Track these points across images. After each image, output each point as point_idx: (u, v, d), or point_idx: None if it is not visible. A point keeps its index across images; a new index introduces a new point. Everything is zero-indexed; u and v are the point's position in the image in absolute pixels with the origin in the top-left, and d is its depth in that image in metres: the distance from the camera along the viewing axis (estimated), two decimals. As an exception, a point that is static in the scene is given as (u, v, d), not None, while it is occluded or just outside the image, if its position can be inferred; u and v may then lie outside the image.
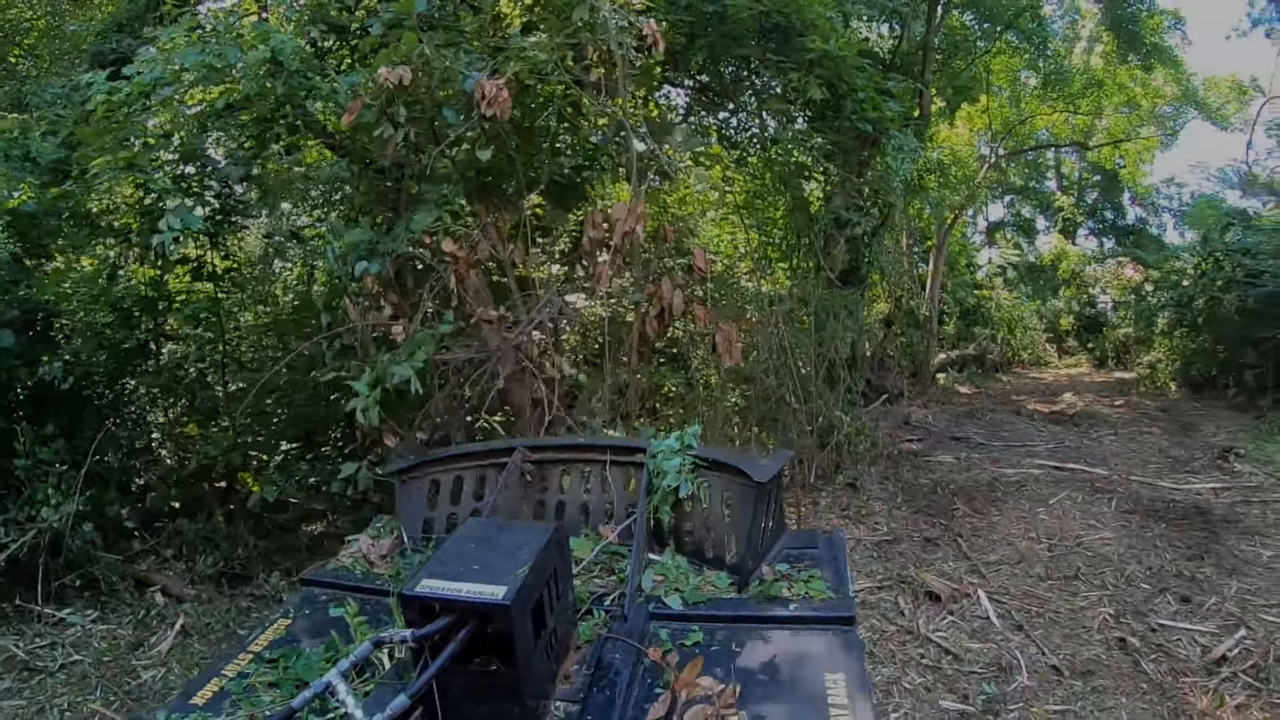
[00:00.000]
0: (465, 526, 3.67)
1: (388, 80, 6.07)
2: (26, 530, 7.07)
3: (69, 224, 8.22)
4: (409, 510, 4.95)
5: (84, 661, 6.50)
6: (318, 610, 4.06)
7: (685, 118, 10.67)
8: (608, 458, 4.82)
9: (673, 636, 3.59)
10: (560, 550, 3.51)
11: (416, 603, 3.03)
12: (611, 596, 3.95)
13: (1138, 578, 7.75)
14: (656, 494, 4.42)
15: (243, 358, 9.37)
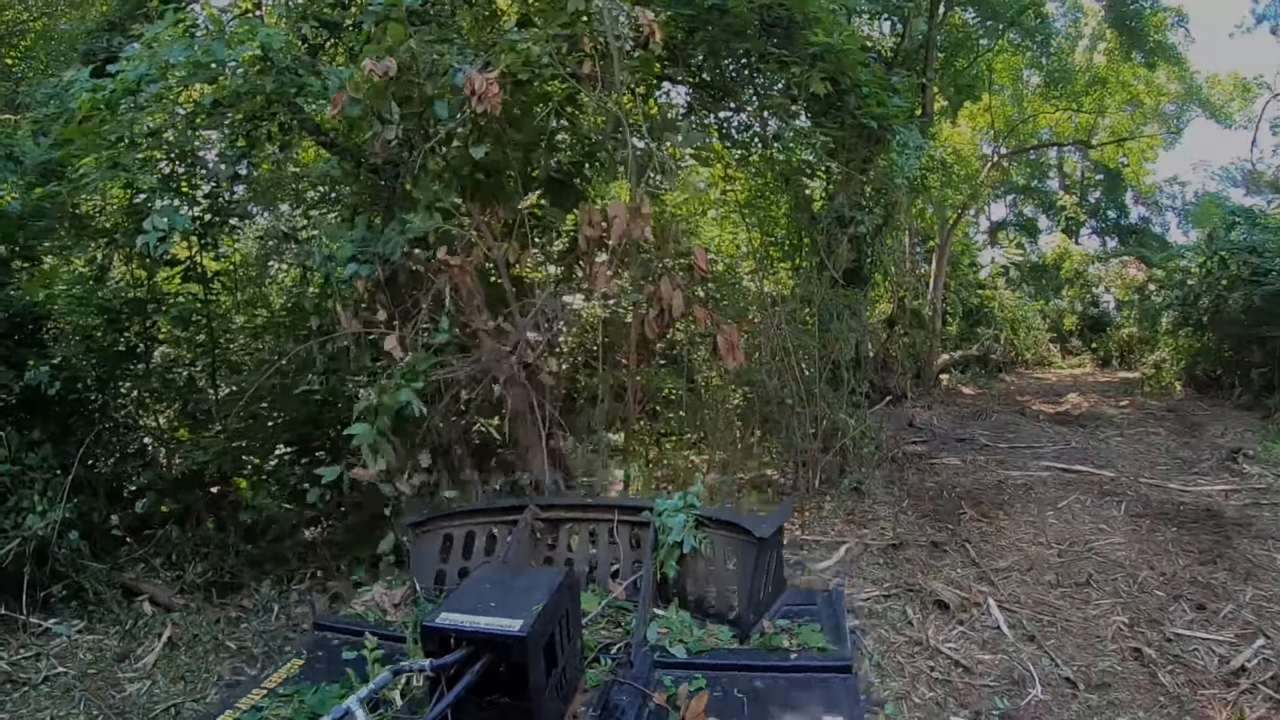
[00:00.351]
0: (481, 570, 3.97)
1: (373, 73, 5.89)
2: (11, 538, 6.90)
3: (56, 225, 8.07)
4: (422, 562, 5.13)
5: (68, 673, 6.34)
6: (331, 653, 4.19)
7: (686, 115, 10.51)
8: (615, 517, 5.07)
9: (676, 683, 3.74)
10: (571, 594, 3.68)
11: (436, 634, 3.21)
12: (618, 646, 4.17)
13: (1151, 584, 7.55)
14: (662, 549, 4.63)
15: (235, 361, 9.19)
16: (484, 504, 5.94)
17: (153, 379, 8.64)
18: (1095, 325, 30.92)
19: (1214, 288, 18.62)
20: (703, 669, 3.86)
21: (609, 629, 4.40)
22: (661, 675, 3.82)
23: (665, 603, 4.60)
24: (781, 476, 10.86)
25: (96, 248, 8.49)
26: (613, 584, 4.82)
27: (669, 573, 4.59)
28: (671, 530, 4.62)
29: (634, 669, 3.82)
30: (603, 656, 4.06)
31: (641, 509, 4.93)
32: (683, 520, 4.61)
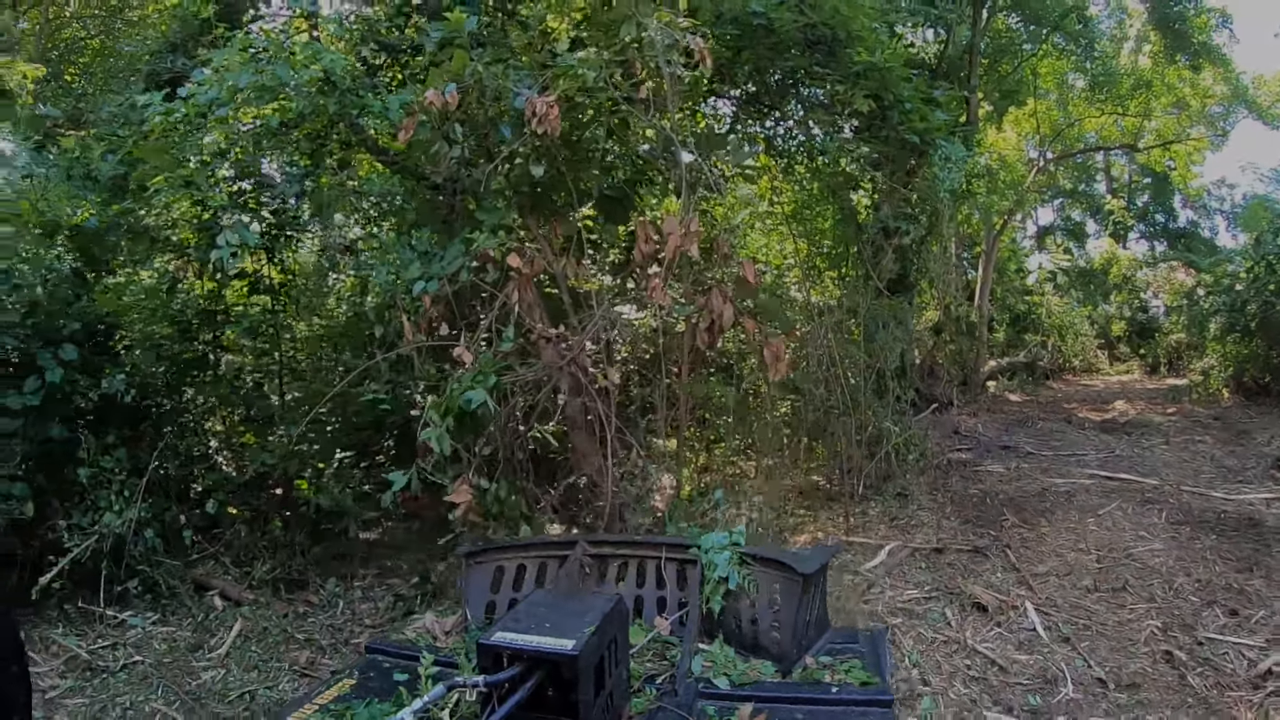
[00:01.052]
0: (535, 595, 4.03)
1: (434, 103, 6.22)
2: (90, 535, 7.27)
3: (128, 239, 8.47)
4: (474, 591, 5.28)
5: (145, 662, 6.68)
6: (382, 675, 4.29)
7: (731, 127, 10.75)
8: (663, 554, 5.20)
9: (720, 713, 3.82)
10: (620, 621, 3.75)
11: (491, 651, 3.31)
12: (663, 677, 4.28)
13: (1186, 590, 7.68)
14: (709, 585, 4.73)
15: (298, 368, 9.55)
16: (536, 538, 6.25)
17: (221, 386, 8.98)
18: (1143, 331, 30.66)
19: (1261, 293, 18.51)
20: (745, 700, 3.93)
21: (654, 661, 4.52)
22: (705, 705, 3.91)
23: (710, 637, 4.69)
24: (828, 483, 11.07)
25: (166, 261, 8.89)
26: (659, 619, 4.95)
27: (715, 608, 4.69)
28: (717, 566, 4.75)
29: (678, 697, 3.95)
30: (648, 686, 4.17)
31: (688, 546, 5.07)
32: (728, 557, 4.74)
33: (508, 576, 5.38)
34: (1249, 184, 34.81)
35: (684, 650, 4.38)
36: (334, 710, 3.84)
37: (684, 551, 5.10)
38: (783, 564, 4.65)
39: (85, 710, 6.05)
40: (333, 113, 7.13)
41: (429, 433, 6.32)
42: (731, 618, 4.74)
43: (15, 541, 7.33)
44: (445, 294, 6.72)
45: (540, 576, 5.33)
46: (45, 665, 6.56)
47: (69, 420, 7.70)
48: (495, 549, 5.51)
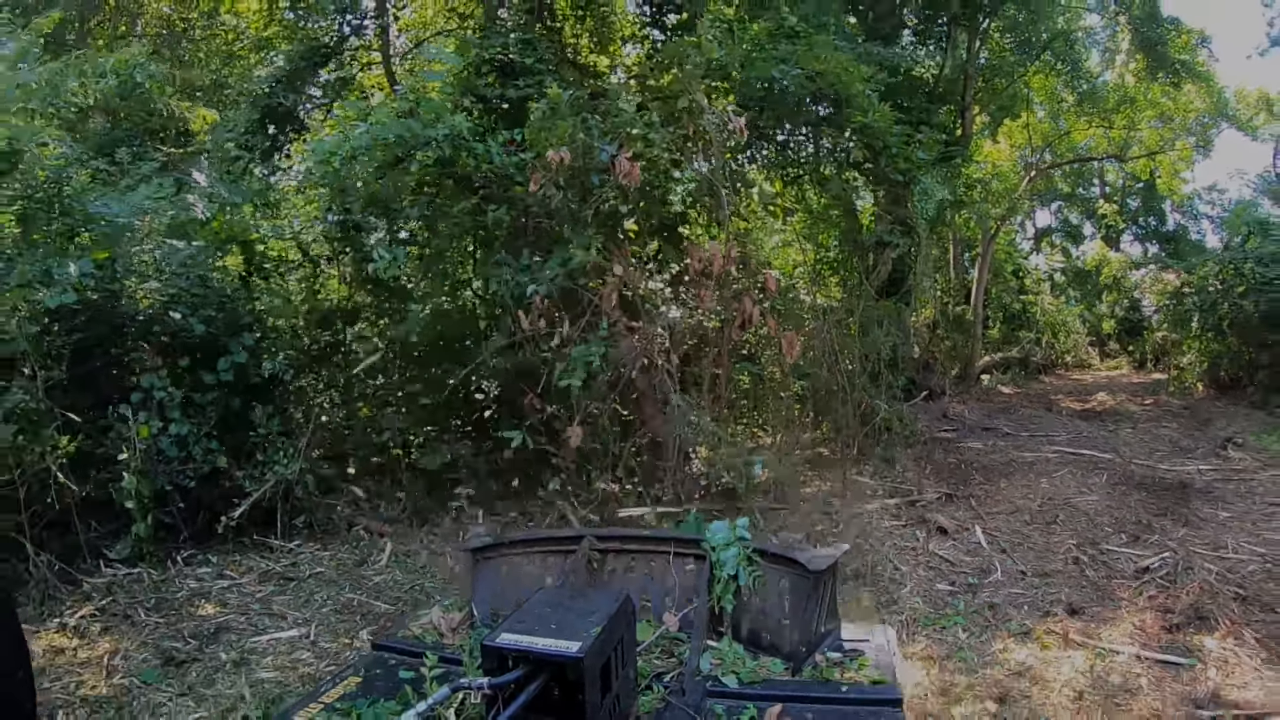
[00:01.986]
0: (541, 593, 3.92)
1: (554, 160, 8.57)
2: (264, 483, 9.40)
3: (284, 251, 10.76)
4: (481, 587, 5.23)
5: (326, 572, 8.81)
6: (388, 672, 4.29)
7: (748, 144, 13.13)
8: (671, 549, 5.13)
9: (728, 713, 3.79)
10: (627, 620, 3.71)
11: (495, 653, 3.26)
12: (670, 675, 4.20)
13: (1104, 525, 9.81)
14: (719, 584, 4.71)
15: (411, 356, 11.74)
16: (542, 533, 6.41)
17: (350, 369, 11.24)
18: (1133, 329, 32.17)
19: (1229, 294, 19.91)
20: (754, 699, 3.91)
21: (662, 658, 4.47)
22: (713, 704, 3.87)
23: (719, 635, 4.65)
24: (830, 452, 13.23)
25: (314, 269, 11.19)
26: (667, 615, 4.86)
27: (727, 607, 4.67)
28: (725, 564, 4.72)
29: (686, 696, 3.89)
30: (655, 684, 4.10)
31: (697, 541, 4.98)
32: (735, 554, 4.72)
33: (515, 572, 5.34)
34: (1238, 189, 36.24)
35: (692, 648, 4.34)
36: (339, 709, 3.83)
37: (692, 546, 5.02)
38: (793, 561, 4.61)
39: (293, 602, 8.04)
40: (447, 156, 9.43)
41: (570, 378, 8.86)
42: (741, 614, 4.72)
43: (206, 486, 9.31)
44: (550, 295, 9.09)
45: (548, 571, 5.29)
46: (244, 578, 8.57)
47: (243, 394, 9.77)
48: (503, 544, 5.41)
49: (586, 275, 9.34)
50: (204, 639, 7.12)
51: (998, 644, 6.84)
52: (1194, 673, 6.22)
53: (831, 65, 10.80)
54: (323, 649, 7.07)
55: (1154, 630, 6.91)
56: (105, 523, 8.86)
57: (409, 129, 9.27)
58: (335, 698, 3.95)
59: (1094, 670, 6.32)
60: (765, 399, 12.63)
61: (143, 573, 8.38)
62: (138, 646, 6.93)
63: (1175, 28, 26.28)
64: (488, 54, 10.97)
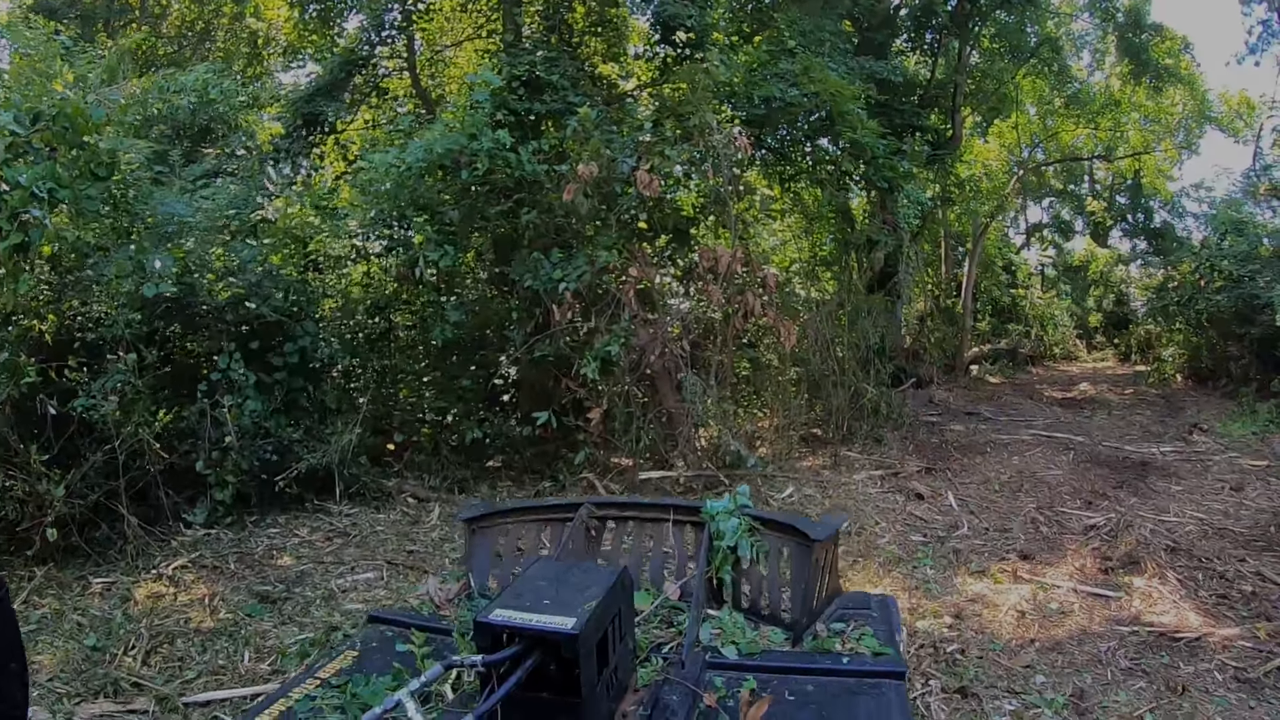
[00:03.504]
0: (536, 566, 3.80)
1: (584, 175, 9.84)
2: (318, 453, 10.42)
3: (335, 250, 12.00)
4: (478, 557, 5.08)
5: (383, 531, 9.86)
6: (384, 645, 4.25)
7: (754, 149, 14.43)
8: (670, 517, 5.04)
9: (728, 684, 3.73)
10: (625, 593, 3.64)
11: (489, 630, 3.18)
12: (670, 646, 4.13)
13: (1064, 494, 10.99)
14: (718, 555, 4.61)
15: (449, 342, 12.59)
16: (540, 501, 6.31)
17: (396, 355, 12.49)
18: (1120, 322, 32.94)
19: (1207, 290, 20.43)
20: (754, 670, 3.87)
21: (661, 628, 4.41)
22: (713, 676, 3.82)
23: (719, 604, 4.61)
24: (822, 432, 14.42)
25: (368, 265, 12.45)
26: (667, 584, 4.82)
27: (725, 578, 4.61)
28: (725, 535, 4.62)
29: (685, 669, 3.79)
30: (654, 655, 4.06)
31: (696, 509, 4.90)
32: (736, 524, 4.63)
33: (512, 541, 5.30)
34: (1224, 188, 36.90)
35: (691, 618, 4.23)
36: (335, 684, 3.80)
37: (692, 514, 4.95)
38: (794, 529, 4.52)
39: (359, 554, 9.03)
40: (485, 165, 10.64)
41: (588, 367, 10.14)
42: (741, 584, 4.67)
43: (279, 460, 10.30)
44: (582, 290, 10.37)
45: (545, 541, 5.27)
46: (312, 535, 9.56)
47: (305, 375, 10.87)
48: (498, 513, 5.29)
49: (609, 273, 10.60)
50: (290, 583, 8.10)
51: (958, 579, 8.13)
52: (1120, 603, 7.43)
53: (825, 86, 12.13)
54: (396, 587, 8.10)
55: (1091, 572, 8.18)
56: (183, 490, 9.76)
57: (457, 143, 10.48)
58: (332, 672, 3.94)
59: (1036, 599, 7.58)
60: (765, 383, 14.00)
61: (219, 533, 9.39)
62: (231, 590, 7.86)
63: (1159, 33, 27.15)
64: (517, 71, 12.15)
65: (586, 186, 10.30)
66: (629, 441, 11.01)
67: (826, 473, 12.33)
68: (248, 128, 14.28)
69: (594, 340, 10.40)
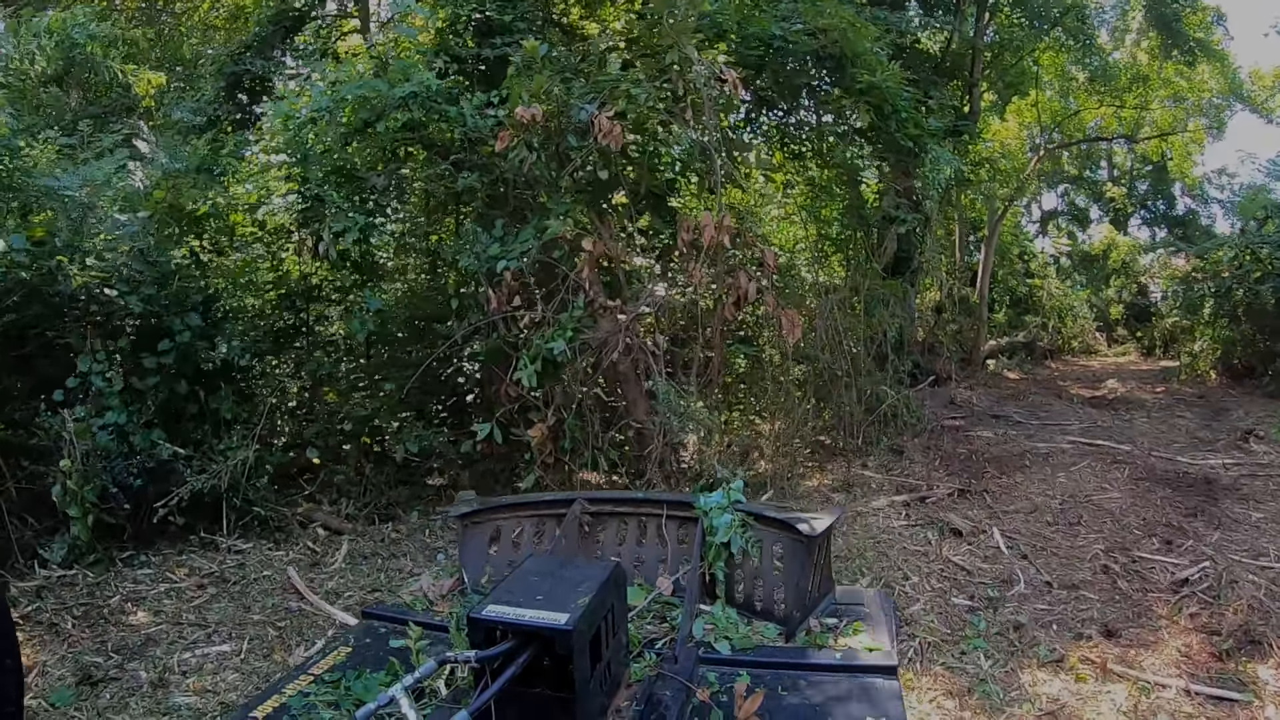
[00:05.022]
0: (529, 562, 3.89)
1: (523, 117, 7.68)
2: (206, 475, 8.55)
3: (238, 225, 9.91)
4: (471, 553, 5.14)
5: (274, 575, 8.03)
6: (378, 641, 4.27)
7: (747, 116, 12.19)
8: (664, 512, 5.05)
9: (721, 679, 3.76)
10: (618, 588, 3.70)
11: (482, 626, 3.22)
12: (663, 641, 4.19)
13: (1132, 526, 9.01)
14: (711, 550, 4.64)
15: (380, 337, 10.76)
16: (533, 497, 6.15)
17: (315, 352, 10.42)
18: (1141, 315, 31.54)
19: (1246, 280, 19.40)
20: (747, 666, 3.89)
21: (655, 624, 4.43)
22: (706, 671, 3.84)
23: (712, 599, 4.62)
24: (832, 440, 12.38)
25: (271, 244, 10.33)
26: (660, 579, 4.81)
27: (718, 574, 4.61)
28: (718, 531, 4.62)
29: (678, 664, 3.84)
30: (647, 651, 4.08)
31: (690, 504, 4.90)
32: (729, 520, 4.62)
33: (505, 537, 5.28)
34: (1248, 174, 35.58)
35: (685, 613, 4.25)
36: (328, 680, 3.80)
37: (685, 509, 4.95)
38: (787, 524, 4.50)
39: (231, 611, 7.26)
40: (416, 119, 8.58)
41: (522, 372, 7.82)
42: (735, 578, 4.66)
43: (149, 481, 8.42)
44: (523, 270, 8.22)
45: (539, 536, 5.20)
46: (184, 581, 7.81)
47: (191, 378, 8.96)
48: (491, 509, 5.29)
49: (565, 249, 8.46)
50: (128, 653, 6.48)
51: (1025, 675, 5.97)
52: (1251, 710, 5.44)
53: (836, 21, 9.84)
54: (252, 668, 6.34)
55: (1201, 658, 6.08)
56: (43, 518, 8.25)
57: (374, 88, 8.45)
58: (325, 669, 3.91)
59: (1138, 709, 5.48)
60: (763, 384, 11.70)
61: (79, 574, 7.77)
62: (58, 661, 6.37)
63: (1190, 3, 25.50)
64: (463, 11, 10.06)
65: (530, 137, 8.11)
66: (584, 465, 8.89)
67: (839, 496, 10.28)
68: (122, 78, 12.21)
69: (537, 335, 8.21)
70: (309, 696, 3.64)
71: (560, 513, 5.14)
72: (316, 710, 3.53)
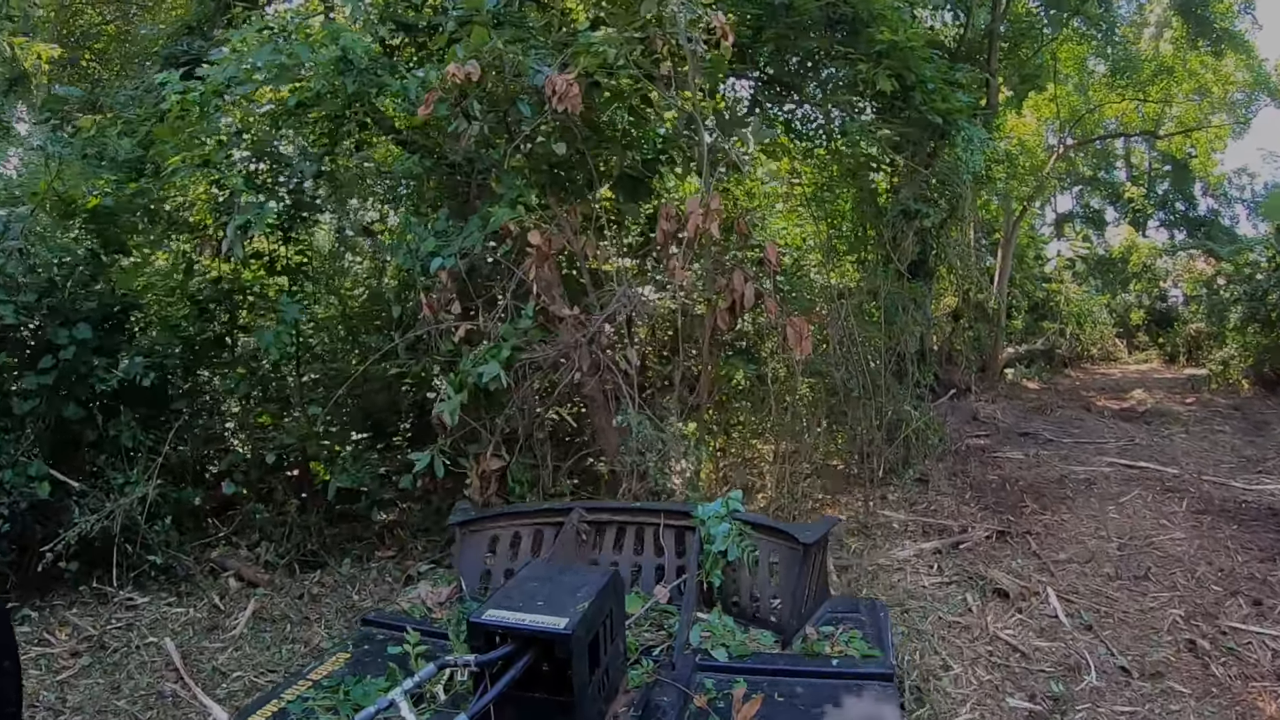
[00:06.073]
0: (528, 568, 3.99)
1: (455, 77, 6.16)
2: (100, 514, 7.18)
3: (144, 220, 8.41)
4: (468, 561, 5.26)
5: (159, 642, 6.63)
6: (376, 648, 4.31)
7: (750, 110, 10.66)
8: (660, 521, 5.16)
9: (718, 686, 3.81)
10: (616, 595, 3.76)
11: (482, 630, 3.29)
12: (660, 648, 4.25)
13: (1208, 579, 7.58)
14: (709, 558, 4.73)
15: (316, 349, 9.50)
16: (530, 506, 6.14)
17: (237, 367, 8.90)
18: (1162, 320, 30.23)
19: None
20: (744, 673, 3.93)
21: (652, 631, 4.49)
22: (703, 678, 3.90)
23: (709, 607, 4.70)
24: (845, 466, 10.93)
25: (184, 242, 8.81)
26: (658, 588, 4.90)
27: (714, 582, 4.69)
28: (715, 539, 4.71)
29: (676, 670, 3.91)
30: (645, 658, 4.17)
31: (687, 513, 5.04)
32: (726, 529, 4.71)
33: (503, 545, 5.37)
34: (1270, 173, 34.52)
35: (682, 621, 4.39)
36: (327, 686, 3.85)
37: (683, 518, 5.09)
38: (783, 533, 4.69)
39: (98, 690, 6.00)
40: (350, 93, 7.09)
41: (442, 405, 6.32)
42: (731, 586, 4.77)
43: (32, 522, 7.14)
44: (459, 271, 6.67)
45: (536, 544, 5.33)
46: (58, 645, 6.56)
47: (85, 402, 7.61)
48: (489, 517, 5.47)
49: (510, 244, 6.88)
50: None
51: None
52: None
53: (851, -31, 8.28)
54: None
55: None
56: None
57: (291, 54, 6.93)
58: (323, 675, 3.96)
59: None
60: (766, 402, 10.09)
61: None
62: None
63: (1219, -10, 24.32)
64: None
65: (468, 103, 6.56)
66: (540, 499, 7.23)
67: (854, 543, 8.68)
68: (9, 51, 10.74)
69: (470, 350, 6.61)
70: (308, 702, 3.71)
71: (558, 521, 5.31)
72: (315, 715, 3.59)
